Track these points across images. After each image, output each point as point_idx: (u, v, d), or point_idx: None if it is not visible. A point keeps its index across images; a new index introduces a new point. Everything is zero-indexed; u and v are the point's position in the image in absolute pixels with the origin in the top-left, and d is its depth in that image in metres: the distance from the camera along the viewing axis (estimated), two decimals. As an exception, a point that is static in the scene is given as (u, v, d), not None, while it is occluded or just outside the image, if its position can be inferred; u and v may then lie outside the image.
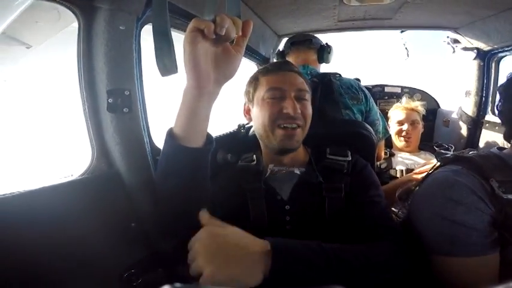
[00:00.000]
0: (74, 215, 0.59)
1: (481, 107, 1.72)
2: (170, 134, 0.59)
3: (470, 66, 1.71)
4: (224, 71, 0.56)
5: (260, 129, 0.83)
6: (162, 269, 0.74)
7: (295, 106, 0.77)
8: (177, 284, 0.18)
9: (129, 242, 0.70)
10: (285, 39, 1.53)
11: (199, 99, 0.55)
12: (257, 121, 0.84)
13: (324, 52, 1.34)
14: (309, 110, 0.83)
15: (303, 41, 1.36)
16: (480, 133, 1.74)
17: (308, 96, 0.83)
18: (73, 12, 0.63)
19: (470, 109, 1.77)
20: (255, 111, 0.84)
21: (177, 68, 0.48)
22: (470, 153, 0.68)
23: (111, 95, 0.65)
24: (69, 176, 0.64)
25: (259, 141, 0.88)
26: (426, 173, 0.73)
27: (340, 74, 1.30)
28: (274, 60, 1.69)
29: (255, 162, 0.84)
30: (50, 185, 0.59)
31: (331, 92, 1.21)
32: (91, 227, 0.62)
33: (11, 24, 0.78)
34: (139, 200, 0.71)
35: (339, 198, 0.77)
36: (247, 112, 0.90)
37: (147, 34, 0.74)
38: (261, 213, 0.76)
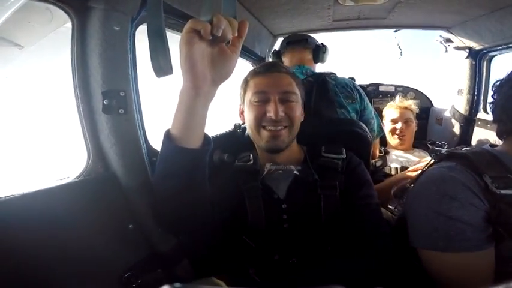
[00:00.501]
0: (71, 218, 0.59)
1: (473, 105, 1.75)
2: (168, 136, 0.59)
3: (463, 65, 1.74)
4: (220, 71, 0.56)
5: (249, 131, 0.86)
6: (162, 269, 0.74)
7: (277, 110, 0.78)
8: (177, 284, 0.18)
9: (127, 243, 0.69)
10: (280, 39, 1.53)
11: (196, 99, 0.55)
12: (247, 123, 0.86)
13: (319, 52, 1.35)
14: (295, 111, 0.82)
15: (299, 41, 1.37)
16: (472, 131, 1.77)
17: (295, 97, 0.83)
18: (66, 13, 0.62)
19: (462, 107, 1.80)
20: (246, 113, 0.86)
21: (172, 69, 0.48)
22: (463, 149, 0.68)
23: (106, 96, 0.64)
24: (65, 178, 0.64)
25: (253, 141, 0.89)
26: (421, 170, 0.74)
27: (335, 74, 1.31)
28: (270, 60, 1.69)
29: (251, 161, 0.85)
30: (46, 188, 0.58)
31: (326, 91, 1.21)
32: (89, 229, 0.62)
33: (3, 24, 0.77)
34: (137, 202, 0.70)
35: (334, 196, 0.78)
36: (241, 113, 0.92)
37: (142, 34, 0.73)
38: (258, 213, 0.77)
